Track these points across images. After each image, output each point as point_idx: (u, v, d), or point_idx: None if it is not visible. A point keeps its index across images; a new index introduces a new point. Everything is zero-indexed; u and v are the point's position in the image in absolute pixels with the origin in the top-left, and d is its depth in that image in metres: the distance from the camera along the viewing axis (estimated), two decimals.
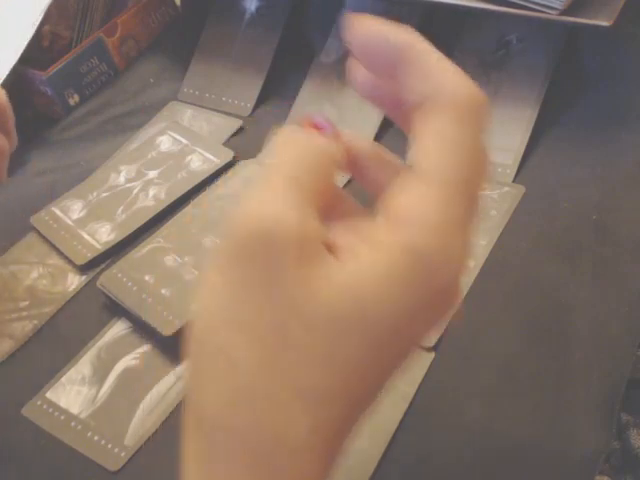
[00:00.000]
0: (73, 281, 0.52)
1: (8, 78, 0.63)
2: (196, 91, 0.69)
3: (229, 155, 0.59)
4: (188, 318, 0.46)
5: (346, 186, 0.52)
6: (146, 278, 0.49)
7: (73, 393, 0.45)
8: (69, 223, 0.56)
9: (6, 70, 0.63)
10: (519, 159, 0.54)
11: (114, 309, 0.49)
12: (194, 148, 0.61)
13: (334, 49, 0.64)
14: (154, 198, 0.57)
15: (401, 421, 0.40)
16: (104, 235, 0.54)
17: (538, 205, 0.51)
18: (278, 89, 0.66)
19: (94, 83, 0.70)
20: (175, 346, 0.46)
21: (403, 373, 0.25)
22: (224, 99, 0.67)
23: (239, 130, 0.64)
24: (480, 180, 0.24)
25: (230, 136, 0.64)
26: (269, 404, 0.22)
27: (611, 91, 0.56)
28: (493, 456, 0.38)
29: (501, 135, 0.56)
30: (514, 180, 0.54)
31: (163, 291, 0.48)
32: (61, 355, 0.47)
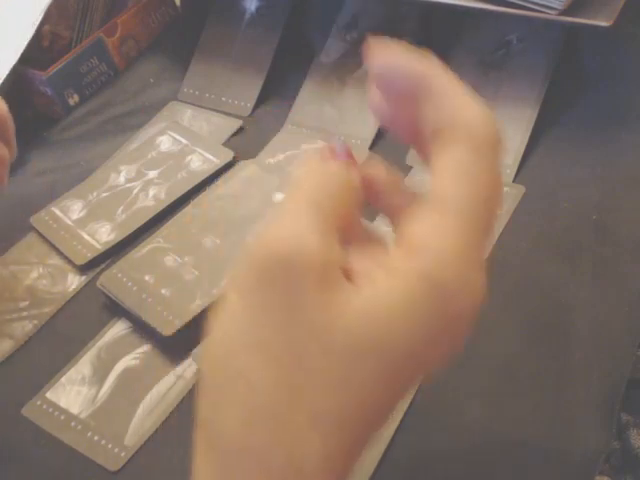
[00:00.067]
0: (73, 281, 0.52)
1: (8, 78, 0.63)
2: (196, 91, 0.69)
3: (229, 155, 0.59)
4: (189, 319, 0.46)
5: None
6: (146, 278, 0.49)
7: (73, 393, 0.45)
8: (69, 223, 0.56)
9: (6, 70, 0.63)
10: (519, 159, 0.54)
11: (114, 309, 0.49)
12: (194, 148, 0.61)
13: (334, 49, 0.64)
14: (154, 198, 0.57)
15: (401, 421, 0.40)
16: (104, 235, 0.54)
17: (538, 205, 0.51)
18: (278, 89, 0.66)
19: (94, 83, 0.70)
20: (175, 346, 0.46)
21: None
22: (224, 99, 0.67)
23: (239, 130, 0.64)
24: (494, 210, 0.24)
25: (230, 136, 0.64)
26: (285, 426, 0.22)
27: (611, 91, 0.56)
28: (493, 456, 0.38)
29: None
30: (514, 180, 0.54)
31: (163, 291, 0.48)
32: (61, 355, 0.47)
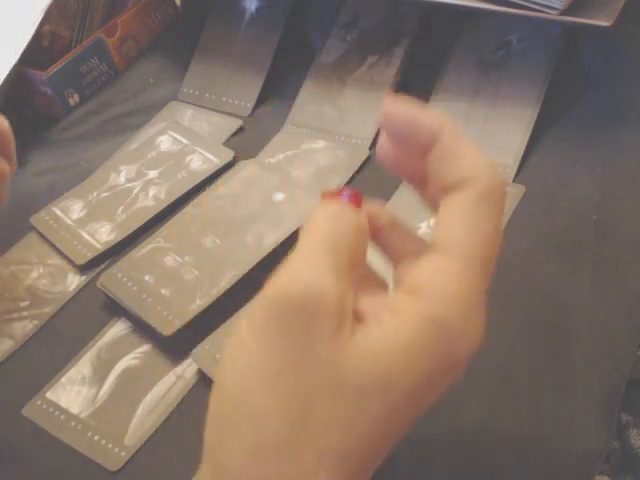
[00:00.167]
0: (73, 281, 0.52)
1: (8, 78, 0.63)
2: (196, 91, 0.69)
3: (229, 155, 0.59)
4: (189, 318, 0.46)
5: (347, 185, 0.52)
6: (146, 278, 0.49)
7: (73, 393, 0.45)
8: (69, 223, 0.56)
9: (6, 70, 0.63)
10: (519, 159, 0.54)
11: (114, 309, 0.49)
12: (194, 148, 0.61)
13: (334, 49, 0.64)
14: (154, 198, 0.57)
15: None
16: (104, 235, 0.54)
17: (538, 205, 0.51)
18: (278, 89, 0.66)
19: (94, 83, 0.70)
20: (175, 346, 0.46)
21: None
22: (224, 99, 0.67)
23: (239, 130, 0.64)
24: (494, 257, 0.26)
25: (230, 136, 0.64)
26: (292, 461, 0.23)
27: (611, 91, 0.56)
28: (493, 456, 0.38)
29: (501, 135, 0.56)
30: (514, 180, 0.54)
31: (163, 291, 0.48)
32: (61, 355, 0.47)
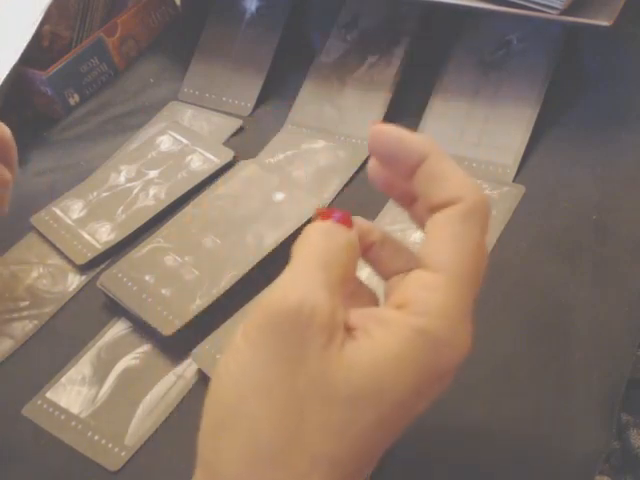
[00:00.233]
0: (73, 281, 0.52)
1: (8, 78, 0.63)
2: (196, 91, 0.69)
3: (229, 155, 0.59)
4: (189, 318, 0.46)
5: (347, 185, 0.52)
6: (146, 278, 0.49)
7: (73, 393, 0.45)
8: (69, 223, 0.56)
9: (6, 70, 0.63)
10: (519, 159, 0.54)
11: (114, 309, 0.49)
12: (194, 148, 0.61)
13: (334, 49, 0.64)
14: (154, 198, 0.57)
15: None
16: (104, 235, 0.54)
17: (538, 205, 0.51)
18: (278, 89, 0.66)
19: (94, 83, 0.70)
20: (175, 346, 0.46)
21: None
22: (224, 99, 0.67)
23: (239, 130, 0.64)
24: (480, 273, 0.27)
25: (230, 136, 0.64)
26: (286, 468, 0.24)
27: (611, 91, 0.56)
28: (493, 456, 0.38)
29: (501, 135, 0.56)
30: (514, 180, 0.54)
31: (163, 291, 0.48)
32: (61, 355, 0.47)
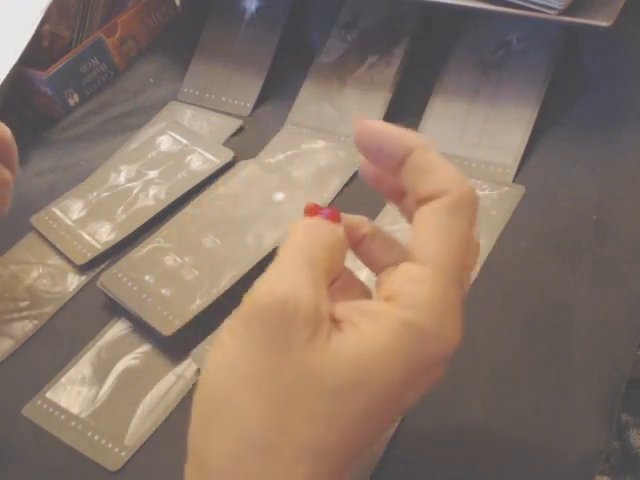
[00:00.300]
0: (73, 281, 0.52)
1: (8, 78, 0.63)
2: (196, 91, 0.69)
3: (229, 155, 0.59)
4: (189, 318, 0.46)
5: (347, 185, 0.52)
6: (146, 278, 0.49)
7: (73, 393, 0.45)
8: (69, 223, 0.56)
9: (6, 70, 0.63)
10: (519, 159, 0.54)
11: (114, 309, 0.49)
12: (194, 148, 0.61)
13: (334, 49, 0.64)
14: (154, 198, 0.57)
15: (401, 421, 0.40)
16: (104, 235, 0.54)
17: (538, 205, 0.51)
18: (278, 89, 0.66)
19: (94, 83, 0.70)
20: (175, 346, 0.46)
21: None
22: (224, 99, 0.67)
23: (239, 130, 0.64)
24: (468, 265, 0.27)
25: (230, 136, 0.64)
26: (273, 459, 0.24)
27: (611, 91, 0.55)
28: (493, 456, 0.38)
29: (501, 135, 0.56)
30: (514, 180, 0.54)
31: (163, 291, 0.48)
32: (61, 355, 0.47)
